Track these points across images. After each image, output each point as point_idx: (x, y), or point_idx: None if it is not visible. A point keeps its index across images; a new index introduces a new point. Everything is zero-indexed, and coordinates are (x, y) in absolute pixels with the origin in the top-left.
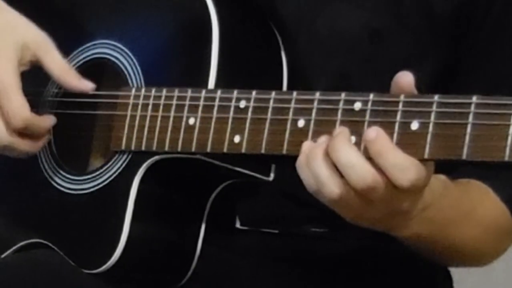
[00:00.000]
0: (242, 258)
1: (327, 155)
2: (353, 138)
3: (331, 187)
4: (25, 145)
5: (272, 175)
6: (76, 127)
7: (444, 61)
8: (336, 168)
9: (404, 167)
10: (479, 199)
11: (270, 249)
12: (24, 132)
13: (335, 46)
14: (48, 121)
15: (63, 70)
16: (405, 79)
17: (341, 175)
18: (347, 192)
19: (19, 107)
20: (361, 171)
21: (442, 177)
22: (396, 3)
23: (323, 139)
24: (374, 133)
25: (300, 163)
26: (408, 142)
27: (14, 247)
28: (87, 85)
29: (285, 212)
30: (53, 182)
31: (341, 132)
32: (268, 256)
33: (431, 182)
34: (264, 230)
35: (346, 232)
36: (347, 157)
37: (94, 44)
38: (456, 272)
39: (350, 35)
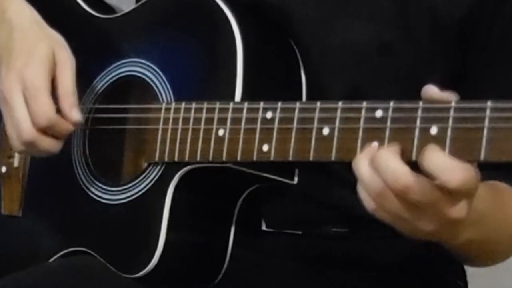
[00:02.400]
0: (268, 258)
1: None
2: (376, 144)
3: (371, 186)
4: (46, 143)
5: (296, 179)
6: (110, 140)
7: (452, 70)
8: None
9: (450, 168)
10: (508, 199)
11: (294, 249)
12: (47, 132)
13: (346, 59)
14: (69, 125)
15: (66, 93)
16: (432, 91)
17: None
18: (385, 193)
19: (45, 107)
20: (395, 171)
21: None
22: (403, 16)
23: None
24: None
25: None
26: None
27: (59, 254)
28: (74, 116)
29: (307, 213)
30: (89, 193)
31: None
32: (292, 256)
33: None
34: (288, 232)
35: (367, 231)
36: (383, 159)
37: (125, 63)
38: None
39: (360, 48)
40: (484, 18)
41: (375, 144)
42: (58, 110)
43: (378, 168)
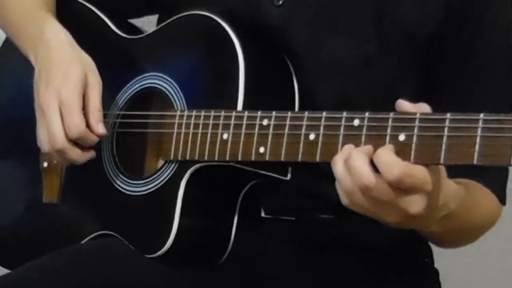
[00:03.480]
0: (266, 240)
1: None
2: (351, 146)
3: (344, 184)
4: (74, 153)
5: (289, 175)
6: (133, 141)
7: (423, 80)
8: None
9: (390, 163)
10: (481, 196)
11: (288, 233)
12: (76, 142)
13: (335, 70)
14: (95, 137)
15: (94, 110)
16: (404, 105)
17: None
18: (354, 190)
19: (77, 122)
20: (360, 172)
21: (449, 181)
22: (382, 33)
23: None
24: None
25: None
26: (397, 151)
27: (90, 236)
28: (100, 130)
29: (299, 203)
30: (115, 185)
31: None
32: (287, 238)
33: (443, 186)
34: (283, 218)
35: (349, 218)
36: (353, 161)
37: (145, 76)
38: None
39: (346, 61)
40: (448, 36)
41: (350, 145)
42: (86, 124)
43: (349, 169)
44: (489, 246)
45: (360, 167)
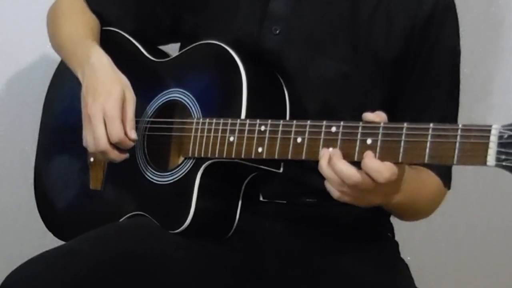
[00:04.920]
0: (263, 219)
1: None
2: (331, 150)
3: (333, 182)
4: (113, 154)
5: (281, 169)
6: (160, 142)
7: (388, 93)
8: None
9: (379, 170)
10: (426, 177)
11: (281, 213)
12: (115, 145)
13: (319, 84)
14: (131, 142)
15: (129, 121)
16: (369, 116)
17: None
18: (343, 185)
19: (118, 130)
20: (347, 173)
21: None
22: (357, 55)
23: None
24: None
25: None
26: (364, 152)
27: (126, 216)
28: (133, 136)
29: (289, 190)
30: (146, 176)
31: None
32: (279, 217)
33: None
34: (277, 201)
35: (328, 201)
36: (337, 165)
37: (169, 91)
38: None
39: (329, 78)
40: (408, 58)
41: (326, 149)
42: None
43: (335, 171)
44: (437, 223)
45: (346, 169)
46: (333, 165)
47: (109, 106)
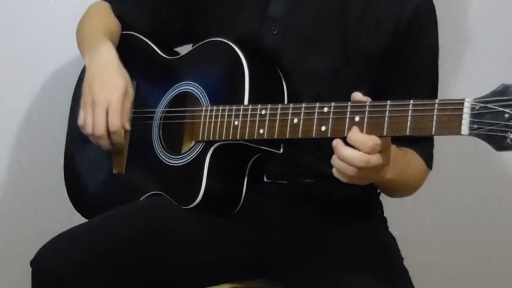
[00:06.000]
0: (267, 197)
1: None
2: (324, 128)
3: (343, 170)
4: (105, 141)
5: (281, 150)
6: (174, 129)
7: (375, 86)
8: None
9: (361, 141)
10: (411, 157)
11: (283, 192)
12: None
13: (313, 78)
14: (123, 134)
15: (126, 113)
16: (357, 96)
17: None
18: (354, 170)
19: (117, 121)
20: (352, 158)
21: (394, 146)
22: (345, 52)
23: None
24: (353, 134)
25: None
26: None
27: (145, 195)
28: (127, 126)
29: (289, 170)
30: (161, 159)
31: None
32: (281, 196)
33: (391, 149)
34: (279, 182)
35: (325, 181)
36: (346, 152)
37: (181, 84)
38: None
39: (321, 73)
40: (393, 54)
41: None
42: None
43: (344, 159)
44: (421, 201)
45: (352, 153)
46: (339, 154)
47: (114, 99)
